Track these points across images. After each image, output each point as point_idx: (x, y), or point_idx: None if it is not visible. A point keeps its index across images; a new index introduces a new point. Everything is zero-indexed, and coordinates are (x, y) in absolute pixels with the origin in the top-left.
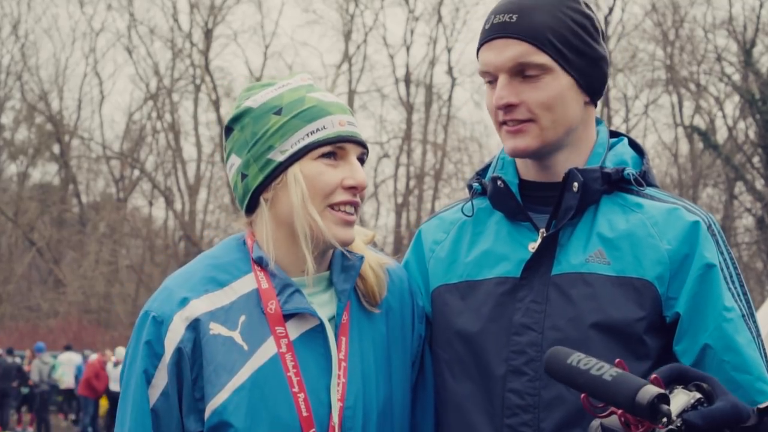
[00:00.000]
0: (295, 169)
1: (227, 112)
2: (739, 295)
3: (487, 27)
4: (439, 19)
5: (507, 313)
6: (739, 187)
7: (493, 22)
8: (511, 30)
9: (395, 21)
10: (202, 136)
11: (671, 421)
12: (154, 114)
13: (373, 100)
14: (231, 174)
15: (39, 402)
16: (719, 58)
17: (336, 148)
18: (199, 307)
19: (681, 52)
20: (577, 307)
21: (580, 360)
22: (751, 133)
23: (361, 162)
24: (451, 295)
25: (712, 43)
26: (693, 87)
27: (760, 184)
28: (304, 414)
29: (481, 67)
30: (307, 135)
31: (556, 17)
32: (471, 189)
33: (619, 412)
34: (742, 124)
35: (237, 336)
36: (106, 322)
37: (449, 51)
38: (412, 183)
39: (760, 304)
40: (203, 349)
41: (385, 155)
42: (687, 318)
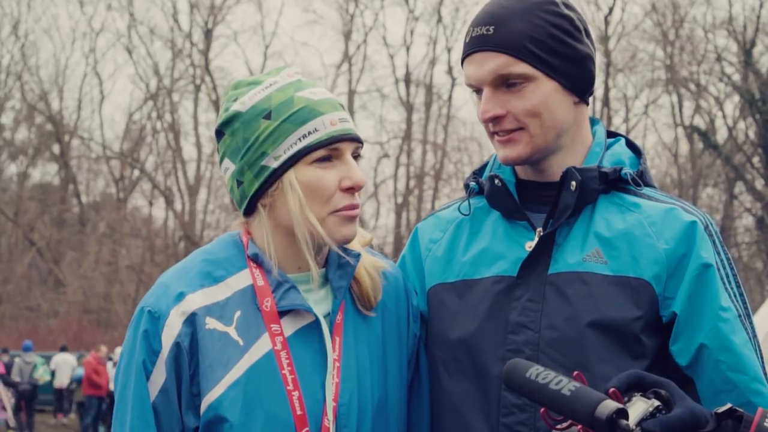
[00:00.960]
0: (290, 176)
1: None
2: (735, 295)
3: (467, 41)
4: (439, 19)
5: (503, 311)
6: (739, 187)
7: (472, 35)
8: (488, 43)
9: (395, 21)
10: (202, 136)
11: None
12: (154, 114)
13: (373, 100)
14: (226, 178)
15: (20, 400)
16: (719, 58)
17: (329, 150)
18: (195, 301)
19: (681, 52)
20: (574, 306)
21: (539, 373)
22: (751, 133)
23: (357, 157)
24: (447, 294)
25: (712, 43)
26: (693, 87)
27: (760, 184)
28: (299, 412)
29: (465, 80)
30: (299, 139)
31: (532, 23)
32: (468, 188)
33: (579, 427)
34: (742, 124)
35: (232, 331)
36: (106, 322)
37: (449, 51)
38: (412, 183)
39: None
40: (199, 343)
41: (385, 155)
42: (683, 318)
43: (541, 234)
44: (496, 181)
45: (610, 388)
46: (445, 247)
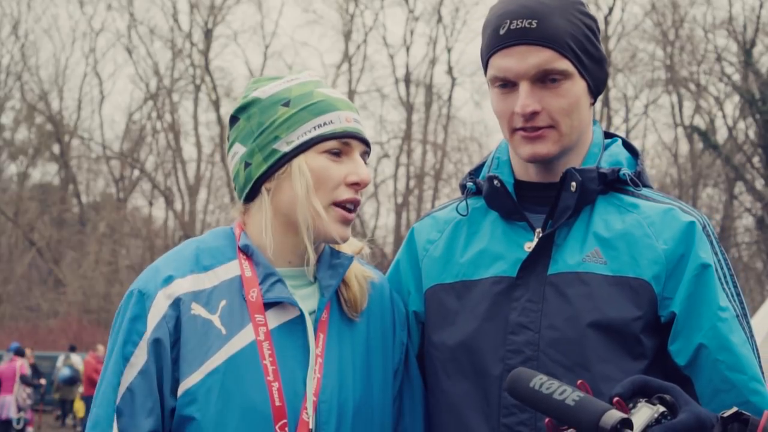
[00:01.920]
0: (300, 161)
1: (227, 112)
2: (732, 295)
3: (503, 33)
4: (439, 19)
5: (503, 312)
6: (739, 187)
7: (510, 28)
8: (532, 36)
9: (395, 21)
10: (202, 136)
11: None
12: (154, 114)
13: (373, 100)
14: (233, 163)
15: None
16: (719, 58)
17: (342, 143)
18: (182, 286)
19: (681, 52)
20: (574, 307)
21: (543, 383)
22: (751, 133)
23: (364, 161)
24: (446, 294)
25: (712, 43)
26: (693, 87)
27: (760, 184)
28: (277, 404)
29: (495, 73)
30: (315, 128)
31: (571, 22)
32: (465, 188)
33: None
34: (742, 124)
35: (216, 320)
36: (106, 322)
37: (449, 51)
38: (412, 183)
39: (760, 304)
40: (182, 328)
41: (385, 155)
42: (682, 318)
43: (541, 235)
44: (495, 181)
45: (614, 397)
46: (443, 248)
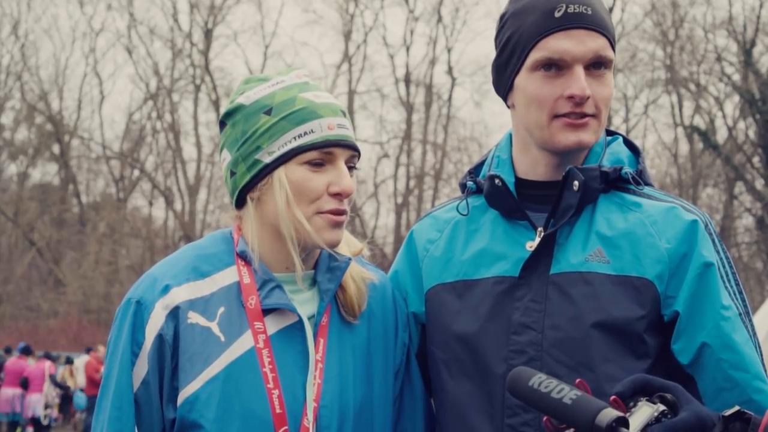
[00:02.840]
0: (280, 173)
1: None
2: (735, 293)
3: (559, 15)
4: (439, 19)
5: (505, 312)
6: (739, 187)
7: (567, 11)
8: (590, 21)
9: (395, 21)
10: (202, 136)
11: None
12: (154, 114)
13: (373, 100)
14: (223, 168)
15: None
16: (719, 58)
17: (323, 153)
18: (179, 295)
19: (681, 52)
20: (578, 306)
21: (541, 382)
22: (751, 133)
23: (353, 166)
24: (447, 294)
25: (712, 43)
26: (693, 87)
27: (760, 184)
28: (278, 411)
29: (549, 54)
30: (294, 138)
31: (608, 18)
32: (465, 187)
33: None
34: (742, 124)
35: (215, 327)
36: (106, 322)
37: (449, 51)
38: (412, 183)
39: (760, 304)
40: (180, 337)
41: (385, 155)
42: (685, 316)
43: (543, 234)
44: (496, 180)
45: (612, 396)
46: (443, 247)
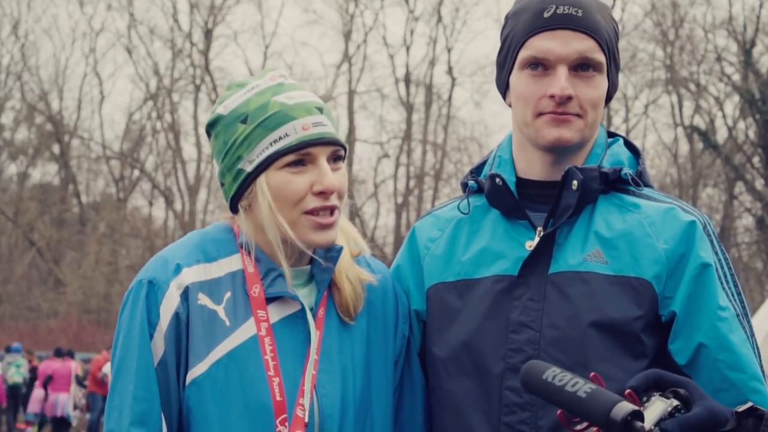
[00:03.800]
0: (261, 180)
1: None
2: (733, 294)
3: (548, 15)
4: (439, 19)
5: (504, 311)
6: (739, 187)
7: (556, 12)
8: (577, 23)
9: (395, 21)
10: (202, 136)
11: None
12: (154, 114)
13: (373, 100)
14: (217, 176)
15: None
16: (719, 58)
17: (300, 155)
18: (189, 275)
19: (681, 52)
20: (575, 306)
21: (555, 375)
22: (751, 133)
23: (340, 158)
24: (448, 293)
25: (712, 43)
26: (693, 87)
27: (760, 184)
28: (278, 398)
29: (534, 53)
30: (270, 144)
31: (606, 21)
32: (466, 186)
33: (595, 429)
34: (742, 124)
35: (221, 311)
36: (106, 322)
37: (449, 51)
38: (412, 183)
39: (760, 304)
40: (191, 317)
41: (385, 155)
42: (682, 317)
43: (542, 233)
44: (497, 179)
45: (627, 389)
46: (444, 246)
